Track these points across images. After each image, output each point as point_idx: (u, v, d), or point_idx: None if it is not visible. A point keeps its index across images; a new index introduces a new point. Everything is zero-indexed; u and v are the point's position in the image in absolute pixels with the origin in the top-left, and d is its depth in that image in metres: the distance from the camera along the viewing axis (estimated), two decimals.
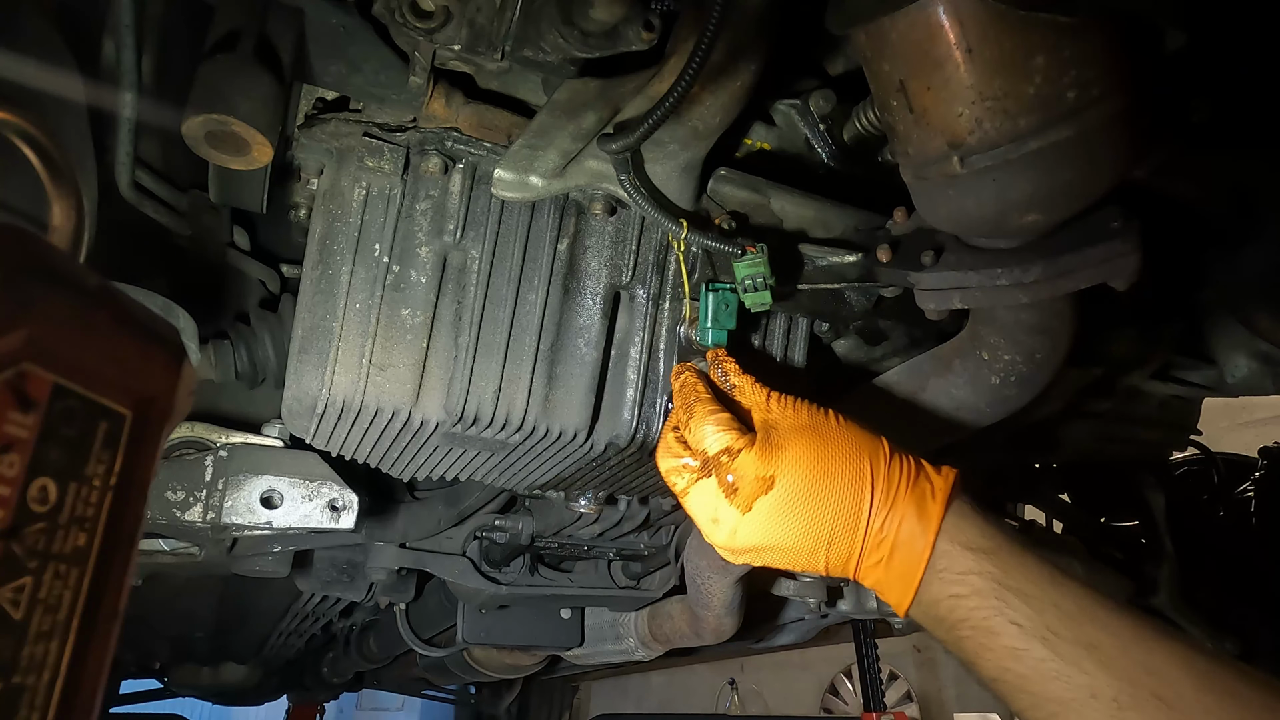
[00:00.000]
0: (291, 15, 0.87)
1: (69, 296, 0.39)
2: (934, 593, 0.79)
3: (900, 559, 0.80)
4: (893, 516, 0.81)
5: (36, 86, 0.74)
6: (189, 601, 2.41)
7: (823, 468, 0.82)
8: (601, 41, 0.88)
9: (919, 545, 0.80)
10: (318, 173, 0.99)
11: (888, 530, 0.81)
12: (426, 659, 2.42)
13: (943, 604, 0.79)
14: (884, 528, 0.81)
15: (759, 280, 0.96)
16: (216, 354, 1.18)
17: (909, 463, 0.84)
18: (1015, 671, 0.74)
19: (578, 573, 1.74)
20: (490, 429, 0.98)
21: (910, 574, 0.80)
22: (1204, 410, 1.90)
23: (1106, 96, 0.77)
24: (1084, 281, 0.87)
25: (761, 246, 0.97)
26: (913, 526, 0.80)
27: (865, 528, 0.81)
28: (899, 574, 0.81)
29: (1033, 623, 0.74)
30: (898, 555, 0.80)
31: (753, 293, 0.97)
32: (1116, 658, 0.71)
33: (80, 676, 0.40)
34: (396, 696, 6.82)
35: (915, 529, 0.80)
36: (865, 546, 0.82)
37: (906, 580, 0.80)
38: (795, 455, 0.83)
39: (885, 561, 0.81)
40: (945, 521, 0.80)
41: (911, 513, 0.80)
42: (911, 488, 0.82)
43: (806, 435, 0.85)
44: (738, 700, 5.89)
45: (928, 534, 0.79)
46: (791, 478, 0.82)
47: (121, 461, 0.42)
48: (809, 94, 1.10)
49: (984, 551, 0.78)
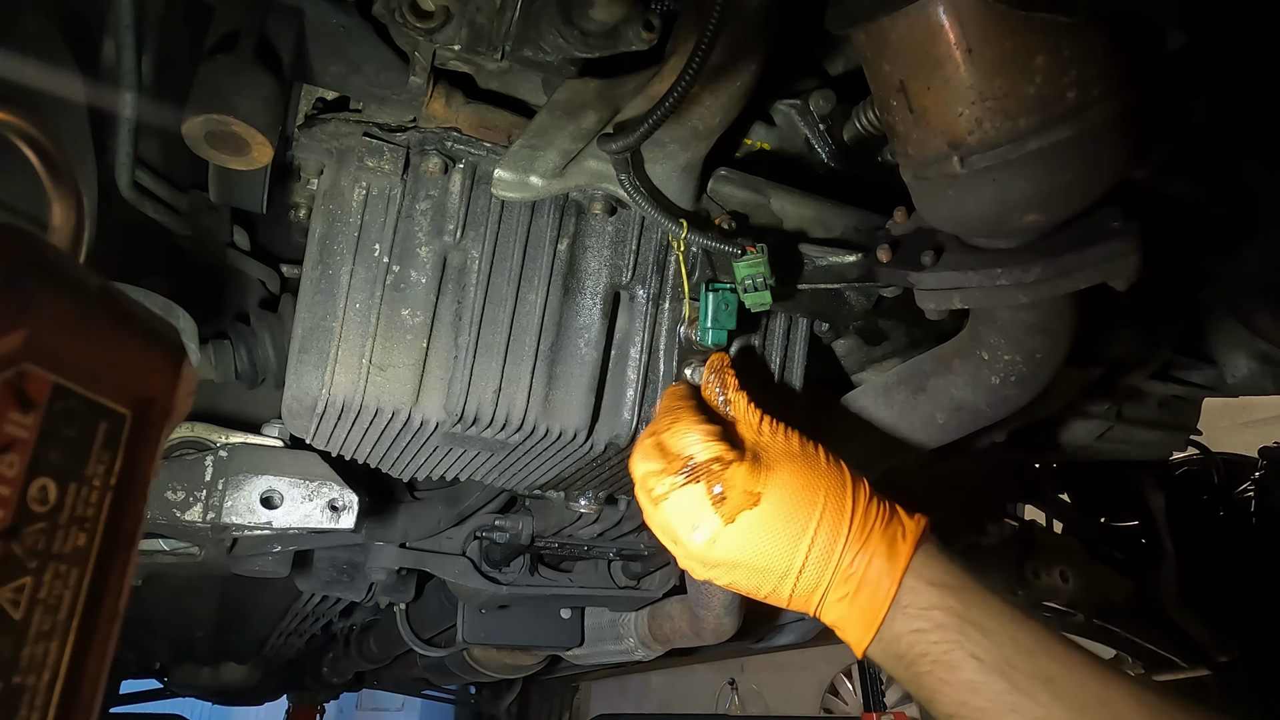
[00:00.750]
0: (291, 15, 0.87)
1: (69, 296, 0.39)
2: (896, 628, 0.80)
3: (865, 596, 0.81)
4: (864, 554, 0.82)
5: (36, 86, 0.74)
6: (189, 601, 2.41)
7: (808, 496, 0.84)
8: (601, 41, 0.88)
9: (885, 584, 0.81)
10: (318, 173, 0.99)
11: (857, 567, 0.82)
12: (426, 659, 2.42)
13: (904, 639, 0.80)
14: (854, 563, 0.82)
15: (759, 280, 0.96)
16: (216, 354, 1.18)
17: (885, 505, 0.85)
18: (972, 705, 0.75)
19: (578, 573, 1.74)
20: (490, 429, 0.98)
21: (873, 612, 0.81)
22: (1204, 410, 1.90)
23: (1106, 96, 0.77)
24: (1084, 281, 0.87)
25: (761, 247, 0.97)
26: (881, 565, 0.81)
27: (837, 561, 0.82)
28: (862, 611, 0.82)
29: (991, 656, 0.75)
30: (863, 592, 0.81)
31: (753, 293, 0.97)
32: (1072, 690, 0.73)
33: (80, 676, 0.40)
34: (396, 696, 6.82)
35: (883, 568, 0.81)
36: (833, 580, 0.82)
37: (869, 618, 0.81)
38: (783, 478, 0.84)
39: (850, 597, 0.82)
40: (912, 561, 0.82)
41: (882, 552, 0.82)
42: (885, 528, 0.83)
43: (796, 462, 0.86)
44: (738, 700, 5.89)
45: (894, 573, 0.81)
46: (777, 498, 0.83)
47: (121, 461, 0.42)
48: (809, 94, 1.10)
49: (947, 587, 0.80)
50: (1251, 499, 2.44)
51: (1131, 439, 1.79)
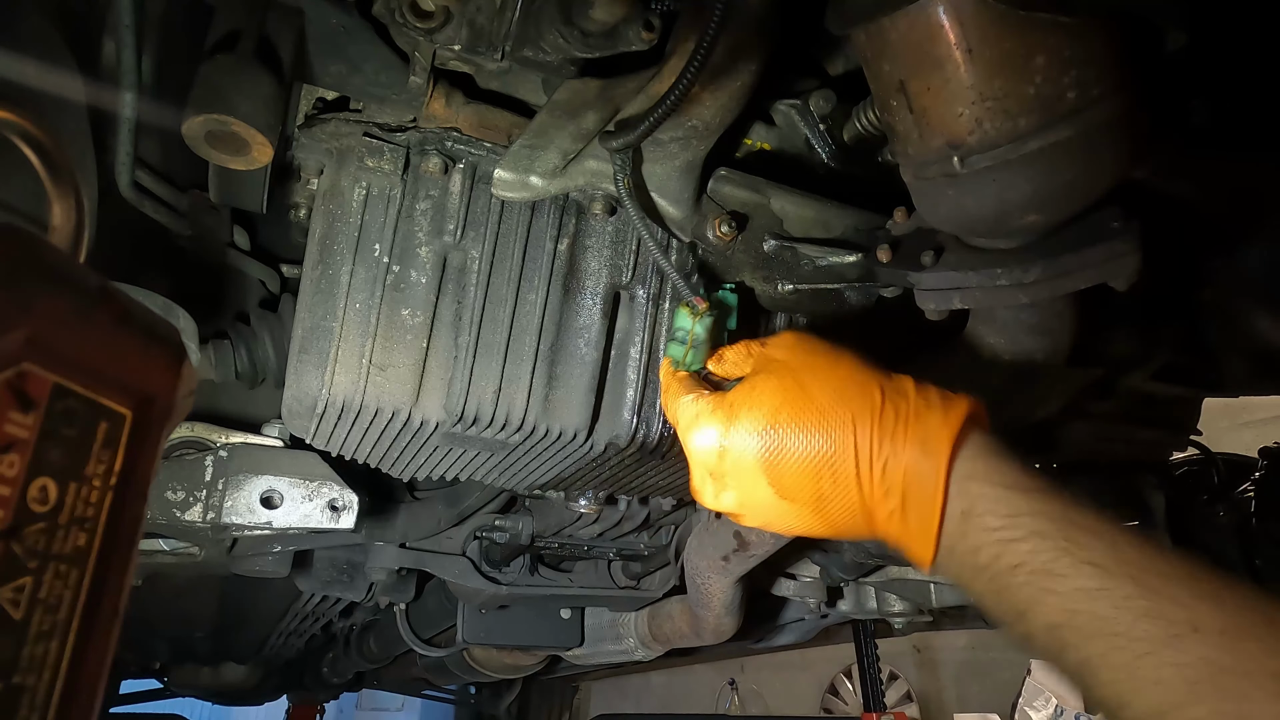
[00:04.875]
0: (291, 15, 0.87)
1: (69, 296, 0.39)
2: (973, 540, 0.70)
3: (914, 509, 0.72)
4: (895, 462, 0.73)
5: (36, 86, 0.74)
6: (189, 601, 2.41)
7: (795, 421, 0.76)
8: (601, 41, 0.88)
9: (930, 489, 0.71)
10: (318, 173, 0.99)
11: (892, 475, 0.73)
12: (426, 659, 2.42)
13: (986, 549, 0.70)
14: (886, 476, 0.73)
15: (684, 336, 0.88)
16: (216, 354, 1.18)
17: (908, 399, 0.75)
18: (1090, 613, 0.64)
19: (578, 573, 1.74)
20: (490, 429, 0.98)
21: (927, 524, 0.72)
22: (1204, 410, 1.90)
23: (1107, 97, 0.77)
24: (1084, 281, 0.87)
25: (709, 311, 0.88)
26: (920, 467, 0.72)
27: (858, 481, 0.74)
28: (918, 526, 0.72)
29: (1111, 559, 0.65)
30: (911, 505, 0.72)
31: (675, 344, 0.89)
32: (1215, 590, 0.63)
33: (80, 676, 0.40)
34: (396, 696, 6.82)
35: (924, 469, 0.72)
36: (871, 498, 0.74)
37: (926, 532, 0.72)
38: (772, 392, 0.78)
39: (899, 513, 0.73)
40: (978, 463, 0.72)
41: (916, 456, 0.72)
42: (913, 424, 0.74)
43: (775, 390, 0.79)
44: (738, 700, 5.89)
45: (938, 473, 0.71)
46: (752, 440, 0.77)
47: (121, 461, 0.42)
48: (809, 94, 1.10)
49: (1033, 491, 0.70)
50: (1251, 499, 2.44)
51: (1131, 439, 1.79)
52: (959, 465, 0.72)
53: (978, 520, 0.71)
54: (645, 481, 1.24)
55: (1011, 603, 0.69)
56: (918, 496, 0.72)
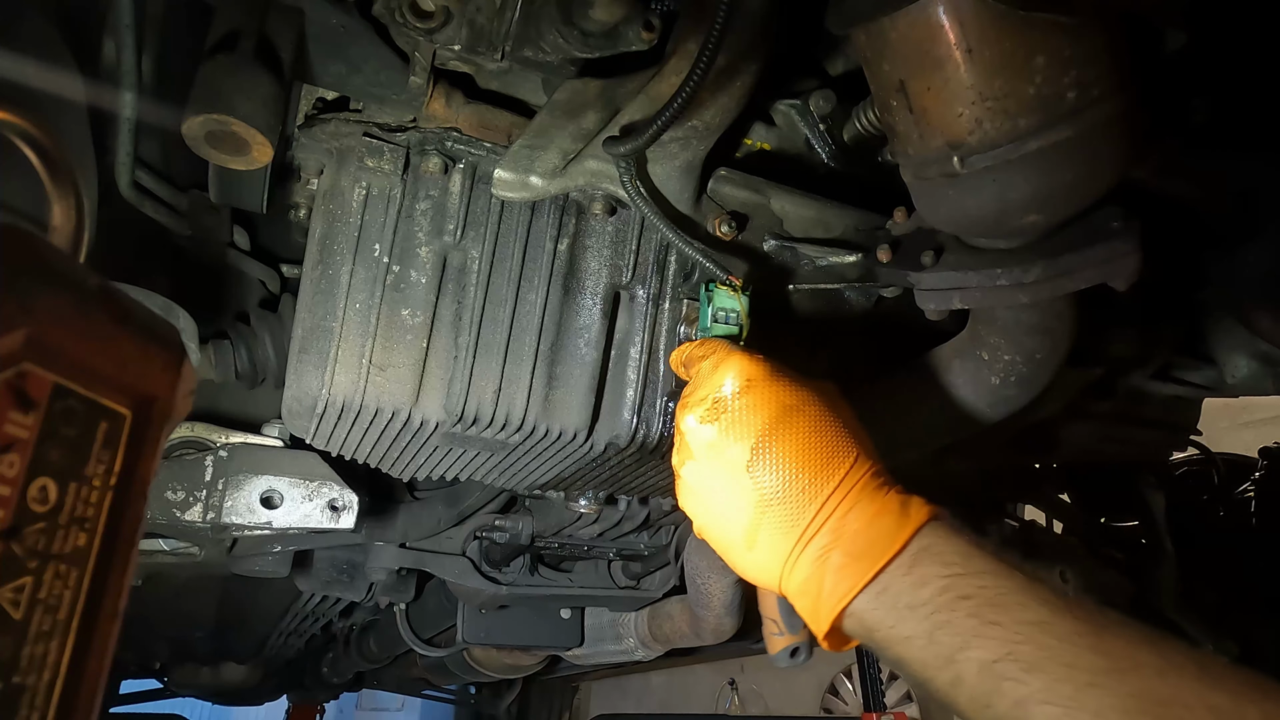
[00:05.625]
0: (291, 15, 0.87)
1: (69, 296, 0.39)
2: (921, 573, 0.70)
3: (864, 540, 0.72)
4: (863, 509, 0.74)
5: (36, 86, 0.74)
6: (189, 601, 2.41)
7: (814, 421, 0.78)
8: (601, 41, 0.88)
9: (892, 526, 0.72)
10: (318, 173, 0.99)
11: (852, 520, 0.73)
12: (426, 659, 2.42)
13: (932, 583, 0.69)
14: (848, 516, 0.74)
15: (732, 315, 0.91)
16: (216, 354, 1.18)
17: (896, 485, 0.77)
18: (1036, 644, 0.64)
19: (578, 573, 1.74)
20: (490, 429, 0.98)
21: (874, 555, 0.71)
22: (1204, 410, 1.90)
23: (1107, 97, 0.77)
24: (1084, 281, 0.87)
25: (747, 285, 0.92)
26: (889, 521, 0.73)
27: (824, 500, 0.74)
28: (857, 555, 0.72)
29: (1060, 603, 0.66)
30: (861, 537, 0.72)
31: (723, 325, 0.92)
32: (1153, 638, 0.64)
33: (80, 676, 0.40)
34: (396, 696, 6.82)
35: (892, 516, 0.73)
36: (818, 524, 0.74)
37: (866, 561, 0.71)
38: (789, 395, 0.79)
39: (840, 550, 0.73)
40: (944, 524, 0.73)
41: (893, 510, 0.73)
42: (892, 494, 0.76)
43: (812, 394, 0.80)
44: (738, 700, 5.89)
45: (906, 524, 0.72)
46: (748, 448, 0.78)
47: (121, 461, 0.42)
48: (809, 94, 1.10)
49: (992, 554, 0.71)
50: (1251, 499, 2.44)
51: (1131, 439, 1.79)
52: (925, 529, 0.73)
53: (934, 555, 0.71)
54: (645, 481, 1.24)
55: (945, 641, 0.68)
56: (876, 537, 0.72)
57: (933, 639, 0.68)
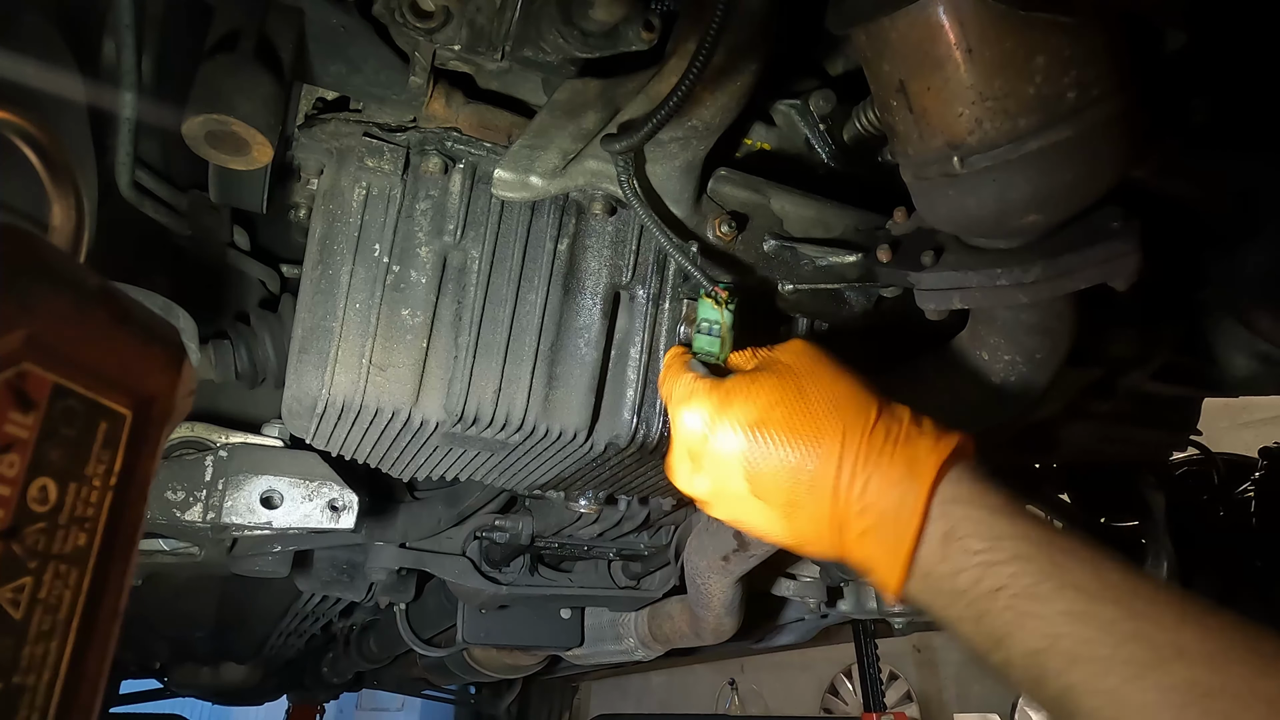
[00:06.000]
0: (291, 15, 0.87)
1: (69, 296, 0.39)
2: (954, 563, 0.70)
3: (891, 526, 0.72)
4: (878, 480, 0.72)
5: (36, 86, 0.74)
6: (189, 601, 2.41)
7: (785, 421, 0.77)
8: (601, 41, 0.88)
9: (907, 511, 0.71)
10: (318, 173, 0.99)
11: (869, 498, 0.73)
12: (426, 659, 2.42)
13: (966, 574, 0.69)
14: (864, 495, 0.73)
15: (714, 328, 0.90)
16: (216, 354, 1.18)
17: (902, 424, 0.75)
18: (1074, 636, 0.63)
19: (578, 573, 1.74)
20: (490, 429, 0.98)
21: (899, 546, 0.71)
22: (1204, 410, 1.90)
23: (1107, 97, 0.77)
24: (1084, 281, 0.87)
25: (733, 298, 0.89)
26: (903, 487, 0.72)
27: (837, 488, 0.74)
28: (888, 546, 0.72)
29: (1096, 583, 0.65)
30: (888, 522, 0.72)
31: (704, 336, 0.90)
32: (1199, 615, 0.62)
33: (80, 676, 0.40)
34: (396, 696, 6.82)
35: (907, 490, 0.71)
36: (845, 513, 0.74)
37: (896, 553, 0.71)
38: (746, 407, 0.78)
39: (871, 532, 0.73)
40: (963, 488, 0.72)
41: (898, 475, 0.72)
42: (902, 446, 0.74)
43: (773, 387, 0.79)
44: (738, 700, 5.89)
45: (917, 498, 0.71)
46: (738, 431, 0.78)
47: (121, 461, 0.42)
48: (809, 94, 1.10)
49: (1017, 516, 0.70)
50: (1251, 499, 2.44)
51: (1131, 439, 1.79)
52: (944, 489, 0.72)
53: (960, 543, 0.70)
54: (645, 481, 1.24)
55: (990, 629, 0.68)
56: (896, 516, 0.72)
57: (979, 625, 0.68)
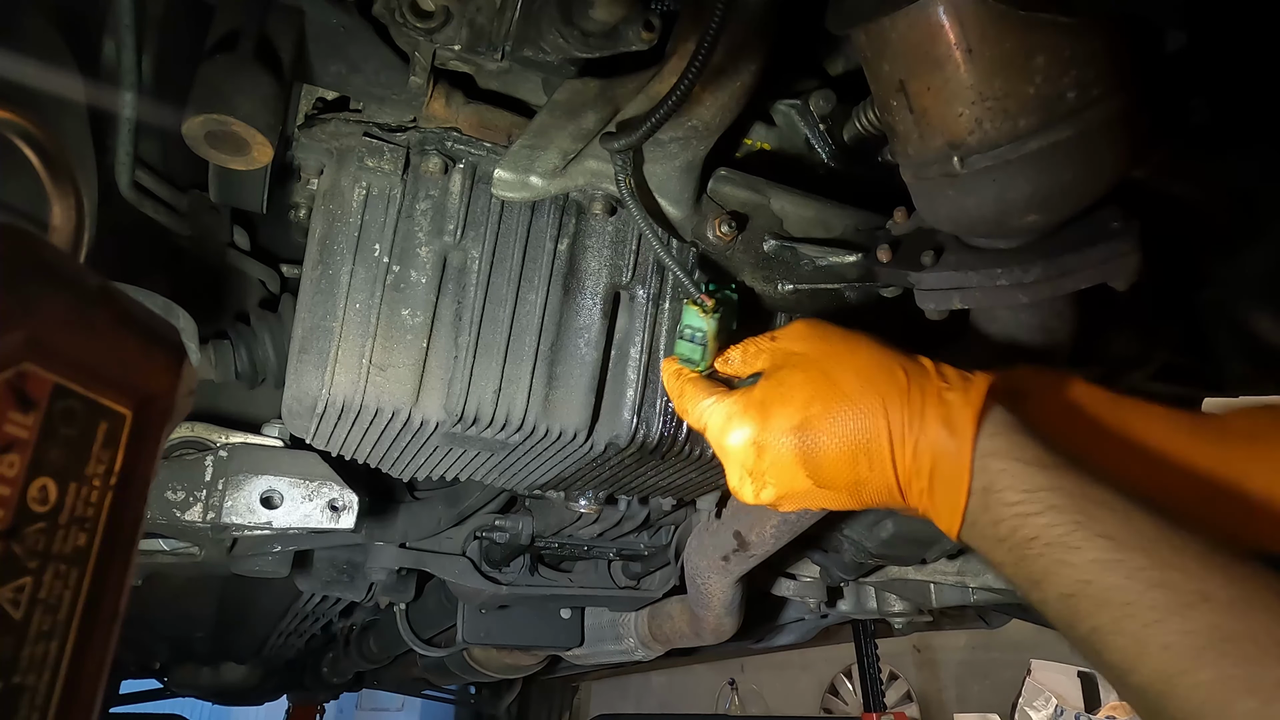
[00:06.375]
0: (291, 15, 0.87)
1: (69, 296, 0.39)
2: (993, 514, 0.74)
3: (941, 489, 0.76)
4: (924, 441, 0.76)
5: (36, 86, 0.74)
6: (189, 601, 2.41)
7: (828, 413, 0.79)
8: (601, 41, 0.88)
9: (956, 466, 0.75)
10: (318, 173, 0.99)
11: (921, 460, 0.77)
12: (426, 659, 2.42)
13: (1006, 523, 0.73)
14: (916, 457, 0.77)
15: (698, 335, 0.90)
16: (216, 354, 1.18)
17: (930, 378, 0.79)
18: (1102, 584, 0.66)
19: (578, 573, 1.74)
20: (490, 429, 0.98)
21: (954, 502, 0.75)
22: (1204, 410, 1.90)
23: (1106, 97, 0.77)
24: (1084, 281, 0.87)
25: (717, 306, 0.89)
26: (946, 447, 0.75)
27: (893, 464, 0.78)
28: (945, 503, 0.76)
29: (1125, 532, 0.67)
30: (939, 486, 0.76)
31: (685, 342, 0.90)
32: (1225, 564, 0.64)
33: (80, 676, 0.40)
34: (396, 696, 6.82)
35: (950, 449, 0.75)
36: (904, 478, 0.78)
37: (952, 508, 0.76)
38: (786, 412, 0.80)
39: (928, 492, 0.77)
40: (999, 440, 0.75)
41: (943, 438, 0.76)
42: (937, 404, 0.77)
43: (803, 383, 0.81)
44: (738, 700, 5.89)
45: (963, 453, 0.75)
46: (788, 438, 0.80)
47: (122, 461, 0.42)
48: (809, 94, 1.10)
49: (1050, 466, 0.73)
50: None
51: None
52: (981, 443, 0.75)
53: (997, 495, 0.74)
54: (645, 481, 1.24)
55: (1028, 572, 0.72)
56: (944, 475, 0.76)
57: (1019, 569, 0.73)
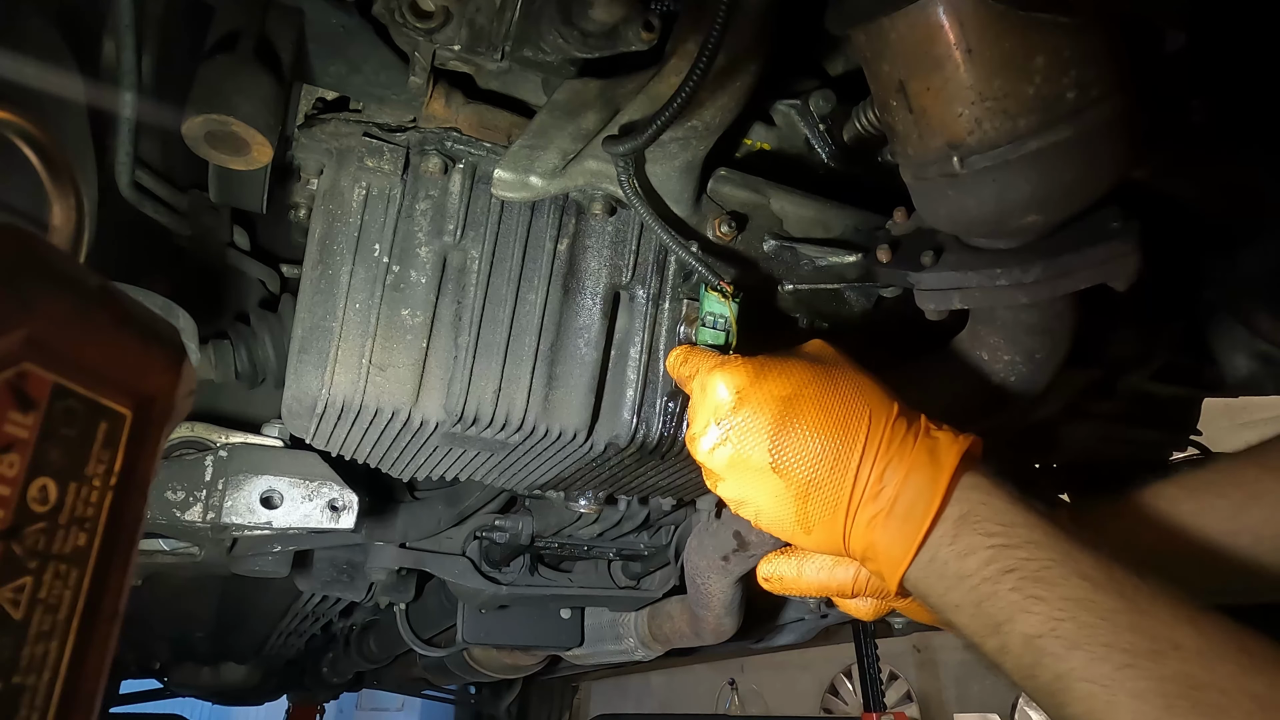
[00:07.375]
0: (291, 15, 0.87)
1: (69, 296, 0.39)
2: (965, 544, 0.72)
3: (904, 510, 0.74)
4: (898, 466, 0.75)
5: (36, 86, 0.74)
6: (189, 601, 2.41)
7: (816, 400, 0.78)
8: (601, 42, 0.88)
9: (931, 489, 0.73)
10: (318, 173, 0.99)
11: (889, 481, 0.75)
12: (426, 659, 2.42)
13: (978, 555, 0.71)
14: (885, 477, 0.75)
15: (720, 322, 0.92)
16: (216, 354, 1.18)
17: (920, 421, 0.79)
18: (1076, 621, 0.65)
19: (578, 573, 1.74)
20: (490, 429, 0.98)
21: (914, 526, 0.73)
22: (1204, 410, 1.90)
23: (1106, 97, 0.77)
24: (1084, 282, 0.87)
25: (738, 293, 0.92)
26: (923, 476, 0.73)
27: (854, 476, 0.75)
28: (901, 526, 0.73)
29: (1103, 575, 0.67)
30: (902, 505, 0.74)
31: (709, 330, 0.92)
32: (1193, 615, 0.64)
33: (80, 676, 0.40)
34: (396, 696, 6.82)
35: (926, 478, 0.73)
36: (861, 496, 0.75)
37: (909, 534, 0.73)
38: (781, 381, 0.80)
39: (884, 515, 0.74)
40: (982, 478, 0.74)
41: (922, 461, 0.74)
42: (924, 438, 0.76)
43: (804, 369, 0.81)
44: (738, 700, 5.89)
45: (941, 478, 0.73)
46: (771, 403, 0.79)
47: (122, 461, 0.42)
48: (809, 94, 1.10)
49: (1033, 509, 0.72)
50: None
51: (1131, 439, 1.79)
52: (964, 478, 0.74)
53: (976, 525, 0.72)
54: (645, 481, 1.24)
55: (990, 612, 0.70)
56: (915, 499, 0.74)
57: (980, 609, 0.70)
